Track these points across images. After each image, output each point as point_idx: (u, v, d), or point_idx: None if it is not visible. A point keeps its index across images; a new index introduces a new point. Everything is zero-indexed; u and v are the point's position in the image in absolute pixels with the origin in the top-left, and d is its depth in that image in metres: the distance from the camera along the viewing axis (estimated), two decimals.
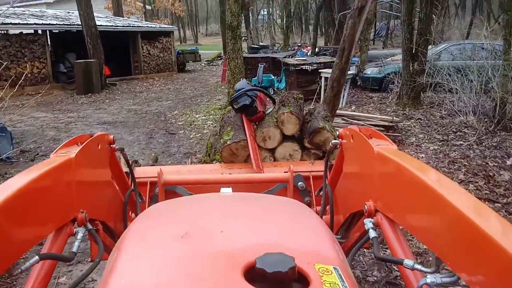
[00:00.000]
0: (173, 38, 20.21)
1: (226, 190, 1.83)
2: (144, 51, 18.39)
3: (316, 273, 0.90)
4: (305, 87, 11.59)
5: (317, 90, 10.68)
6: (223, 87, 15.79)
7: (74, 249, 1.34)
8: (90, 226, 1.46)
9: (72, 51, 17.86)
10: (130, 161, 2.25)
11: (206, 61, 26.83)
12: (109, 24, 17.57)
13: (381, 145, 1.52)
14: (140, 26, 18.94)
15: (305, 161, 2.70)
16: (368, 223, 1.43)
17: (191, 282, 0.88)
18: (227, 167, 2.61)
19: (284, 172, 2.37)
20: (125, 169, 2.27)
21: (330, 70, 10.54)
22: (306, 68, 11.15)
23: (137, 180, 2.29)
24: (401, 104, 9.79)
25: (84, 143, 1.61)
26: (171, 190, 2.28)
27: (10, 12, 14.56)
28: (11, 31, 14.22)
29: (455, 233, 1.00)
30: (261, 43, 26.75)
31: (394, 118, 8.07)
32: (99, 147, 1.80)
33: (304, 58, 12.14)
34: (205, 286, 0.87)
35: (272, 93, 13.08)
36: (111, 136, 1.96)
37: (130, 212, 2.18)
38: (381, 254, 1.32)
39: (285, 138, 2.77)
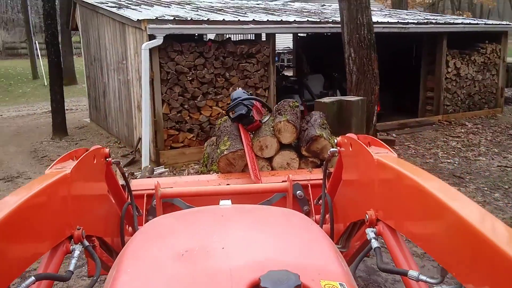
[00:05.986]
0: (506, 44, 10.53)
1: (226, 203, 1.72)
2: (450, 69, 9.53)
3: None
4: None
5: None
6: None
7: (71, 268, 1.31)
8: (87, 243, 1.45)
9: (320, 71, 10.55)
10: (126, 174, 2.24)
11: None
12: (391, 20, 9.29)
13: (381, 153, 1.53)
14: (450, 24, 9.85)
15: (303, 170, 2.73)
16: (370, 233, 1.44)
17: None
18: (224, 178, 2.66)
19: (282, 181, 2.37)
20: (121, 181, 2.25)
21: None
22: None
23: (133, 192, 2.29)
24: None
25: (80, 158, 1.62)
26: (169, 203, 2.25)
27: None
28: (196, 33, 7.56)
29: (459, 242, 1.00)
30: None
31: None
32: (95, 161, 1.81)
33: None
34: None
35: None
36: (107, 150, 1.98)
37: (127, 226, 2.16)
38: (384, 265, 1.32)
39: (282, 146, 2.82)
